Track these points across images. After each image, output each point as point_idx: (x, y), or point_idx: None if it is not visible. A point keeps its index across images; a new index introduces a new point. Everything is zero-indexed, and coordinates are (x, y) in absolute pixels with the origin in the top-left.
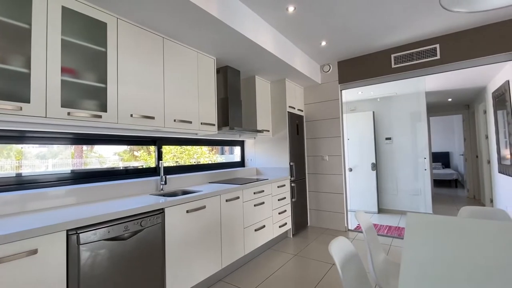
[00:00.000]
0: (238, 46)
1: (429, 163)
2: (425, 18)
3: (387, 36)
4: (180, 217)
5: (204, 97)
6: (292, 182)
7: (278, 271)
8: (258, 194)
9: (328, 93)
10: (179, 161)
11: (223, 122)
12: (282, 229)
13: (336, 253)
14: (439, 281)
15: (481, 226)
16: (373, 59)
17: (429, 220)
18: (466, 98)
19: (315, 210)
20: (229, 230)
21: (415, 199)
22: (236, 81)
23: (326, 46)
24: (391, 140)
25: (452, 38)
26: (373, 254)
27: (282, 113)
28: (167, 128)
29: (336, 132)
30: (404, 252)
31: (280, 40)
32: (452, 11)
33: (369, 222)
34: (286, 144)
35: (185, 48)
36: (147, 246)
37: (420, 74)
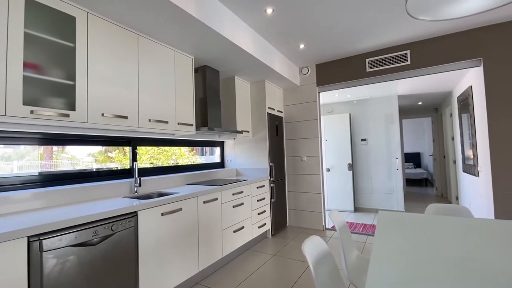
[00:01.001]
0: (216, 46)
1: (401, 163)
2: (397, 25)
3: (362, 41)
4: (155, 220)
5: (181, 97)
6: (272, 183)
7: (257, 272)
8: (237, 195)
9: (306, 95)
10: (156, 163)
11: (201, 123)
12: (262, 229)
13: (309, 253)
14: (406, 274)
15: (445, 222)
16: (349, 63)
17: (398, 218)
18: (435, 102)
19: (294, 210)
20: (206, 232)
21: (389, 198)
22: (215, 81)
23: (305, 49)
24: (366, 141)
25: (421, 45)
26: (346, 252)
27: (261, 114)
28: (142, 128)
29: (314, 133)
30: (374, 249)
31: (259, 41)
32: (418, 19)
33: (343, 221)
34: (266, 145)
35: (161, 46)
36: (119, 251)
37: (392, 78)
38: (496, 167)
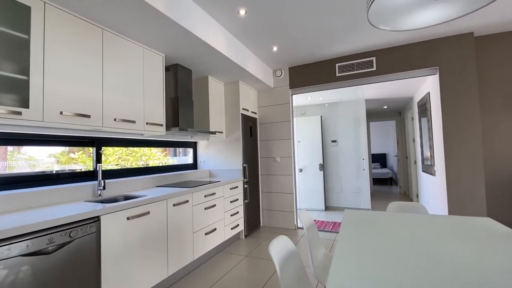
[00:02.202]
0: (188, 44)
1: (368, 163)
2: (363, 33)
3: (332, 46)
4: (120, 225)
5: (150, 96)
6: (245, 184)
7: (228, 273)
8: (210, 196)
9: (280, 97)
10: (125, 164)
11: (172, 123)
12: (234, 230)
13: (275, 253)
14: (366, 270)
15: (403, 219)
16: (320, 67)
17: (362, 216)
18: (398, 106)
19: (267, 210)
20: (176, 236)
21: (357, 196)
22: (188, 80)
23: (278, 51)
24: (337, 143)
25: (386, 53)
26: (314, 251)
27: (235, 115)
28: (107, 128)
29: (287, 134)
30: (337, 247)
31: (233, 42)
32: (379, 28)
33: (310, 220)
34: (240, 145)
35: (129, 42)
36: (79, 259)
37: (360, 83)
38: (449, 167)
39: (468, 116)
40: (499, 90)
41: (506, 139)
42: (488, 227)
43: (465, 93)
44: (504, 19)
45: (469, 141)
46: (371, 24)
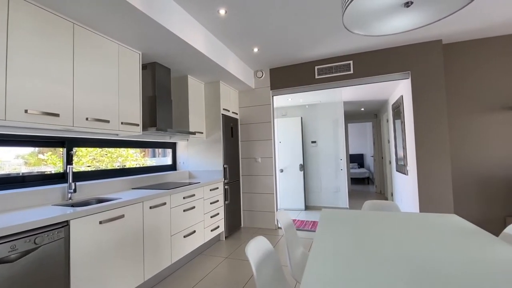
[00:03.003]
0: (166, 42)
1: (345, 163)
2: (342, 37)
3: (312, 49)
4: (91, 230)
5: (126, 94)
6: (226, 185)
7: (208, 276)
8: (188, 198)
9: (261, 98)
10: (99, 165)
11: (150, 122)
12: (214, 232)
13: (252, 254)
14: (339, 266)
15: (377, 217)
16: (300, 69)
17: (338, 215)
18: (375, 108)
19: (248, 211)
20: (153, 239)
21: (335, 196)
22: (166, 79)
23: (259, 52)
24: (316, 143)
25: (362, 57)
26: (292, 250)
27: (216, 115)
28: (78, 127)
29: (268, 135)
30: (313, 245)
31: (213, 42)
32: (353, 33)
33: (289, 220)
34: (220, 146)
35: (102, 38)
36: (45, 267)
37: (338, 86)
38: (420, 167)
39: (437, 119)
40: (465, 95)
41: (471, 141)
42: (454, 223)
43: (434, 97)
44: (468, 28)
45: (438, 142)
46: (346, 28)
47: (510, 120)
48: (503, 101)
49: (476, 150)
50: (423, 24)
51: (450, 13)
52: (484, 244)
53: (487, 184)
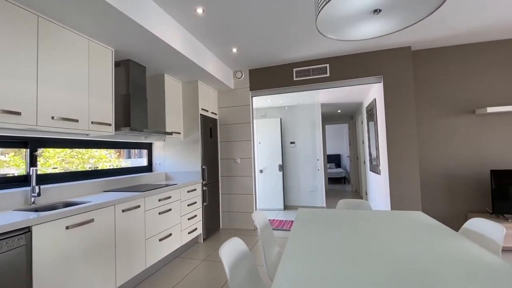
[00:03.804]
0: (141, 40)
1: (323, 164)
2: (318, 41)
3: (290, 51)
4: (57, 236)
5: (97, 92)
6: (204, 186)
7: (184, 280)
8: (164, 200)
9: (240, 99)
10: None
11: (123, 122)
12: (192, 234)
13: (226, 256)
14: (311, 263)
15: (349, 215)
16: (279, 71)
17: (313, 214)
18: (350, 110)
19: (227, 212)
20: (126, 244)
21: (313, 195)
22: (141, 78)
23: (238, 53)
24: (295, 144)
25: (338, 60)
26: (268, 250)
27: (194, 115)
28: (43, 127)
29: (248, 136)
30: (288, 244)
31: (190, 41)
32: (326, 37)
33: (265, 220)
34: (199, 147)
35: (70, 32)
36: (4, 278)
37: (315, 88)
38: (391, 167)
39: (406, 122)
40: (432, 99)
41: (437, 143)
42: (419, 220)
43: (404, 101)
44: (434, 37)
45: (407, 144)
46: (319, 31)
47: (471, 122)
48: (465, 105)
49: (441, 151)
50: (391, 31)
51: (414, 22)
52: (445, 239)
53: (451, 182)
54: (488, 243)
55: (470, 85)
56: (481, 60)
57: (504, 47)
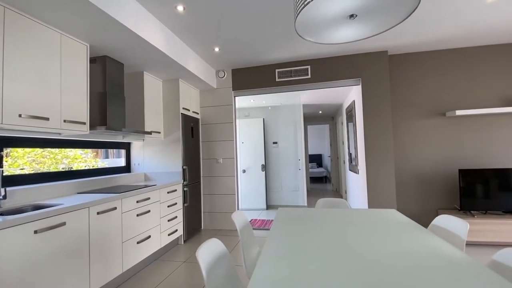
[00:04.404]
0: (118, 36)
1: (304, 163)
2: (299, 43)
3: (272, 52)
4: (24, 241)
5: (70, 89)
6: (185, 186)
7: (163, 282)
8: (143, 202)
9: (223, 98)
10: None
11: (100, 121)
12: (172, 236)
13: (203, 257)
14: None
15: (327, 214)
16: (261, 71)
17: (292, 213)
18: (331, 112)
19: (209, 213)
20: (101, 247)
21: (295, 194)
22: (119, 75)
23: (220, 52)
24: (277, 144)
25: (319, 62)
26: (247, 250)
27: (175, 114)
28: (8, 125)
29: (230, 136)
30: (266, 243)
31: (171, 38)
32: (305, 39)
33: (245, 220)
34: (180, 147)
35: (41, 25)
36: None
37: (297, 89)
38: (369, 166)
39: (383, 123)
40: (407, 102)
41: (411, 143)
42: (392, 217)
43: (381, 103)
44: (409, 42)
45: (383, 144)
46: (298, 34)
47: (442, 125)
48: (437, 108)
49: (414, 151)
50: (366, 36)
51: (387, 28)
52: (414, 235)
53: (423, 181)
54: (453, 238)
55: (441, 89)
56: (452, 65)
57: (471, 54)
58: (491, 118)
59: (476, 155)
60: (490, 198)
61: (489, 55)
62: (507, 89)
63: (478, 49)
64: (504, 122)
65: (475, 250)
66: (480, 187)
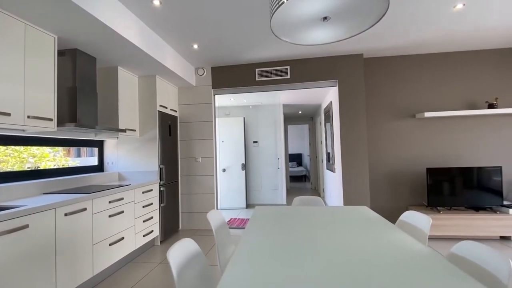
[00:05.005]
0: (89, 28)
1: (284, 162)
2: (279, 43)
3: (252, 51)
4: None
5: (35, 83)
6: (162, 186)
7: (137, 285)
8: (116, 202)
9: (202, 96)
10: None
11: (69, 117)
12: (148, 237)
13: (174, 258)
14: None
15: (302, 211)
16: (241, 70)
17: (269, 211)
18: (311, 112)
19: (187, 213)
20: (69, 250)
21: (274, 193)
22: (90, 69)
23: (199, 50)
24: (258, 143)
25: (298, 63)
26: (223, 249)
27: (151, 112)
28: None
29: (209, 134)
30: (240, 243)
31: (147, 33)
32: (281, 39)
33: (221, 219)
34: (156, 145)
35: (2, 14)
36: None
37: (276, 89)
38: (344, 165)
39: (358, 124)
40: (381, 103)
41: (384, 143)
42: (363, 214)
43: (357, 104)
44: (382, 47)
45: (358, 144)
46: (274, 34)
47: (412, 125)
48: (408, 110)
49: (387, 151)
50: (340, 38)
51: (359, 32)
52: (383, 231)
53: (395, 179)
54: (418, 233)
55: (412, 92)
56: (422, 70)
57: (440, 60)
58: (456, 120)
59: (443, 155)
60: (455, 195)
61: (455, 61)
62: (469, 94)
63: (446, 55)
64: (468, 124)
65: (440, 244)
66: (446, 185)
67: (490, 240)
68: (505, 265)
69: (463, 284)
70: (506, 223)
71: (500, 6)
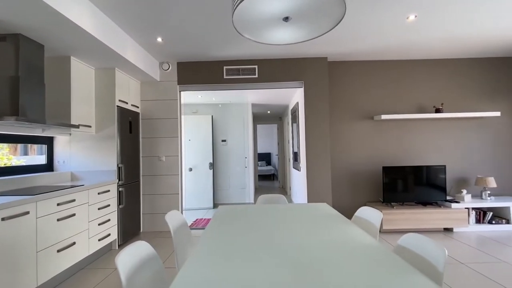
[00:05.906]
0: (33, 10)
1: (251, 162)
2: (247, 41)
3: (220, 48)
4: None
5: None
6: (121, 187)
7: None
8: (66, 204)
9: (167, 92)
10: None
11: (10, 110)
12: (104, 241)
13: (123, 263)
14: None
15: (265, 210)
16: (209, 67)
17: (231, 210)
18: (279, 112)
19: (149, 214)
20: (7, 259)
21: (242, 192)
22: (37, 57)
23: (163, 43)
24: (226, 142)
25: (266, 63)
26: (182, 250)
27: (110, 107)
28: None
29: (175, 132)
30: (200, 241)
31: (105, 22)
32: (243, 36)
33: (181, 220)
34: (115, 143)
35: None
36: None
37: (244, 88)
38: (309, 164)
39: (322, 125)
40: (343, 105)
41: (345, 143)
42: (322, 211)
43: (321, 106)
44: (344, 51)
45: (321, 144)
46: (236, 30)
47: (370, 127)
48: (366, 112)
49: (347, 150)
50: (302, 40)
51: (320, 34)
52: (339, 226)
53: (354, 177)
54: (371, 227)
55: (371, 95)
56: (380, 75)
57: (396, 67)
58: (409, 123)
59: (397, 154)
60: (407, 192)
61: (408, 69)
62: (420, 99)
63: (402, 62)
64: (419, 126)
65: (393, 236)
66: (399, 182)
67: (436, 232)
68: (441, 254)
69: (404, 272)
70: (449, 216)
71: (448, 19)
